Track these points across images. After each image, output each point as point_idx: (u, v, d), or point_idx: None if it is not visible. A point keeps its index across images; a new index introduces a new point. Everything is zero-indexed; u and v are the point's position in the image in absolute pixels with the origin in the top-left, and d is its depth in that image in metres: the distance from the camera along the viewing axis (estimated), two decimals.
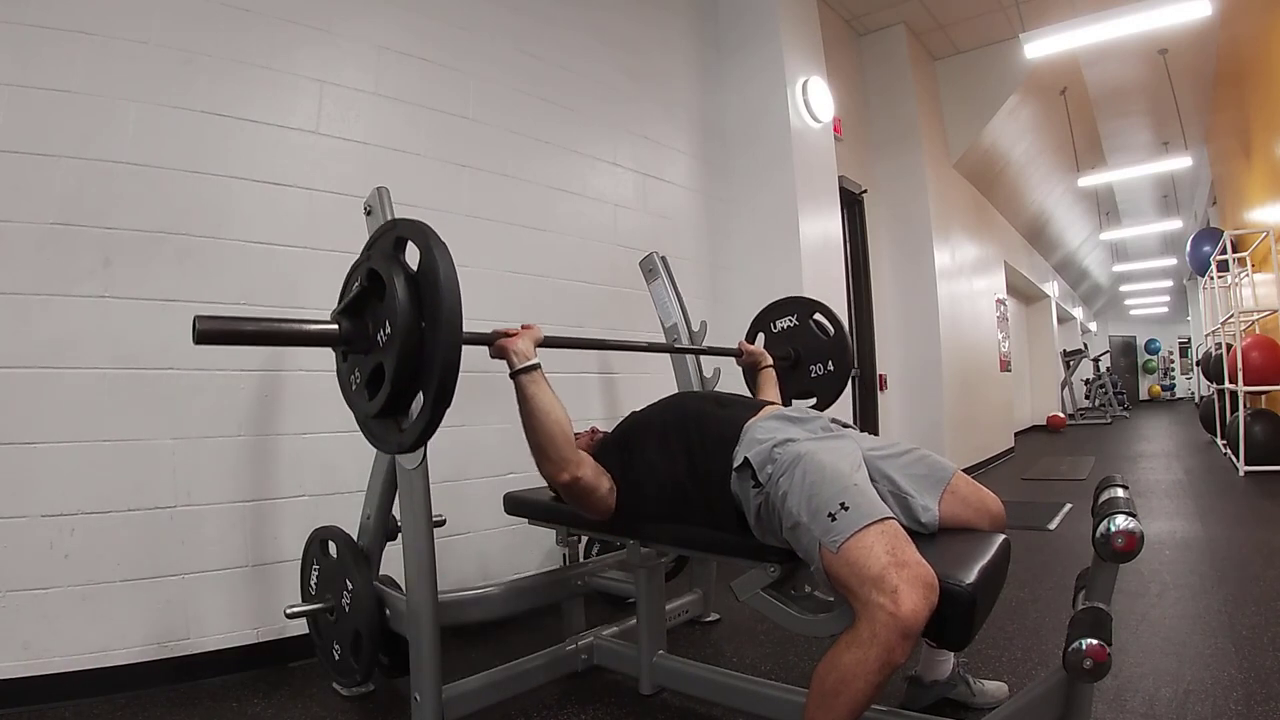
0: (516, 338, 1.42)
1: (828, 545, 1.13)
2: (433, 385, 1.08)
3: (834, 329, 2.26)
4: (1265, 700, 1.57)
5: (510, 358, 1.40)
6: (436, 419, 1.11)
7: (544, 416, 1.37)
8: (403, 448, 1.23)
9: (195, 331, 1.03)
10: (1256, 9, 4.64)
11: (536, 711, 1.70)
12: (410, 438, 1.16)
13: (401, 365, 1.10)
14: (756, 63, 3.69)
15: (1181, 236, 10.22)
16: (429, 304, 1.09)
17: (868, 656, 1.04)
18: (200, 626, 1.90)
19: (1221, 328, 6.22)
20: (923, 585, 1.04)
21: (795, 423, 1.42)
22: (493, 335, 1.42)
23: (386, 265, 1.14)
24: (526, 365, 1.39)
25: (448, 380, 1.08)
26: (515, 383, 1.39)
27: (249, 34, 2.07)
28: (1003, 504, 1.43)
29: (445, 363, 1.07)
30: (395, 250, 1.18)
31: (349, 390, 1.27)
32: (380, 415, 1.17)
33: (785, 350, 2.30)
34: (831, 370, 2.26)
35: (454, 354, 1.08)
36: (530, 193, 2.74)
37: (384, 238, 1.22)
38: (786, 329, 2.35)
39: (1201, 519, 3.62)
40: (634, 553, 1.63)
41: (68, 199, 1.78)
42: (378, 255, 1.18)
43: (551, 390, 1.41)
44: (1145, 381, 19.49)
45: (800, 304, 2.35)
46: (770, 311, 2.40)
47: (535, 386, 1.38)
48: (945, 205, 5.61)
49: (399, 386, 1.12)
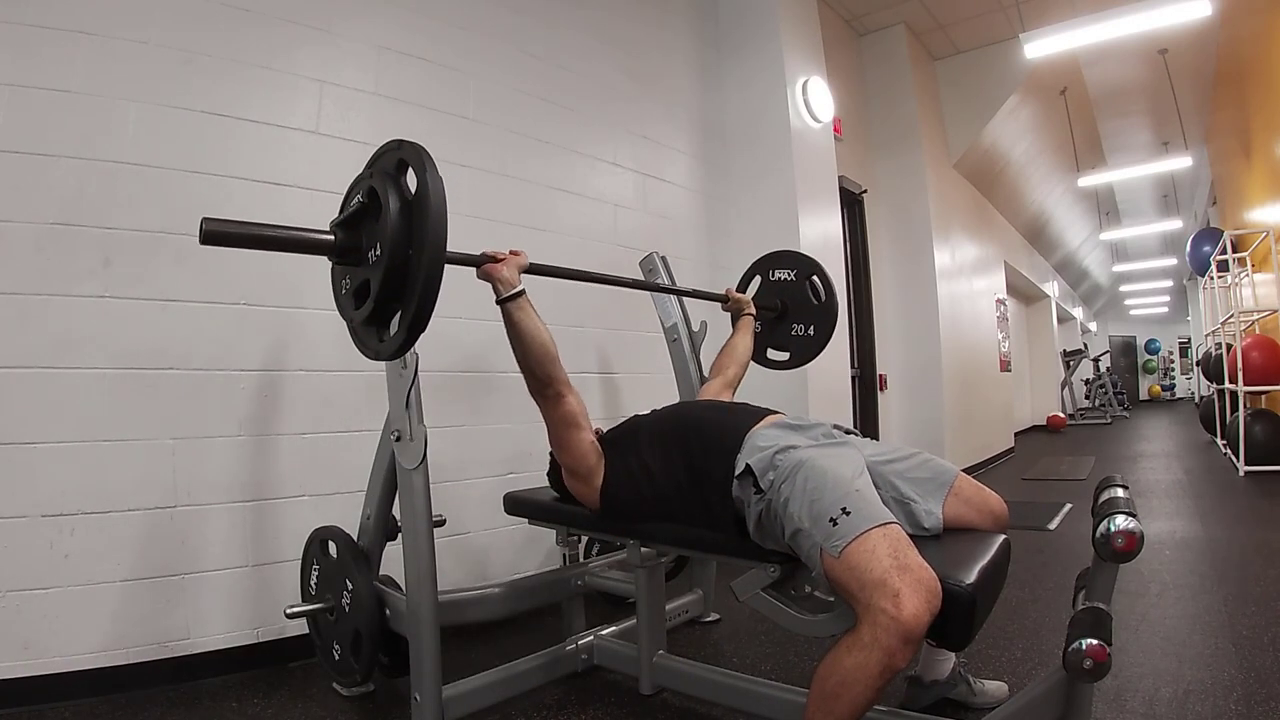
0: (502, 264, 1.47)
1: (829, 550, 1.13)
2: (411, 307, 1.17)
3: (825, 295, 2.28)
4: (1265, 700, 1.57)
5: (497, 285, 1.46)
6: (413, 337, 1.21)
7: (530, 340, 1.45)
8: (380, 356, 1.32)
9: (202, 232, 1.12)
10: (1256, 9, 4.64)
11: (536, 711, 1.70)
12: (388, 349, 1.26)
13: (385, 285, 1.19)
14: (756, 63, 3.68)
15: (1181, 236, 10.22)
16: (418, 231, 1.16)
17: (869, 660, 1.04)
18: (200, 626, 1.90)
19: (1221, 328, 6.22)
20: (925, 589, 1.04)
21: (797, 430, 1.42)
22: (480, 258, 1.47)
23: (385, 186, 1.21)
24: (513, 293, 1.45)
25: (425, 305, 1.16)
26: (502, 309, 1.45)
27: (249, 34, 2.07)
28: (1005, 503, 1.43)
29: (425, 289, 1.15)
30: (396, 172, 1.24)
31: (339, 294, 1.37)
32: (365, 323, 1.28)
33: (773, 301, 2.33)
34: (811, 334, 2.30)
35: (434, 282, 1.15)
36: (530, 193, 2.74)
37: (387, 156, 1.29)
38: (782, 281, 2.36)
39: (1201, 519, 3.62)
40: (634, 553, 1.63)
41: (68, 199, 1.78)
42: (379, 174, 1.25)
43: (538, 316, 1.47)
44: (1145, 381, 19.49)
45: (801, 261, 2.36)
46: (771, 260, 2.41)
47: (521, 313, 1.45)
48: (945, 205, 5.61)
49: (381, 303, 1.22)
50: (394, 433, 1.54)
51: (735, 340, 2.14)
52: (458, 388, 2.42)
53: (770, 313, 2.31)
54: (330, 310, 2.06)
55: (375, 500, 1.76)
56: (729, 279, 3.61)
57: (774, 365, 2.38)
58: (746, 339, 2.15)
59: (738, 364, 2.08)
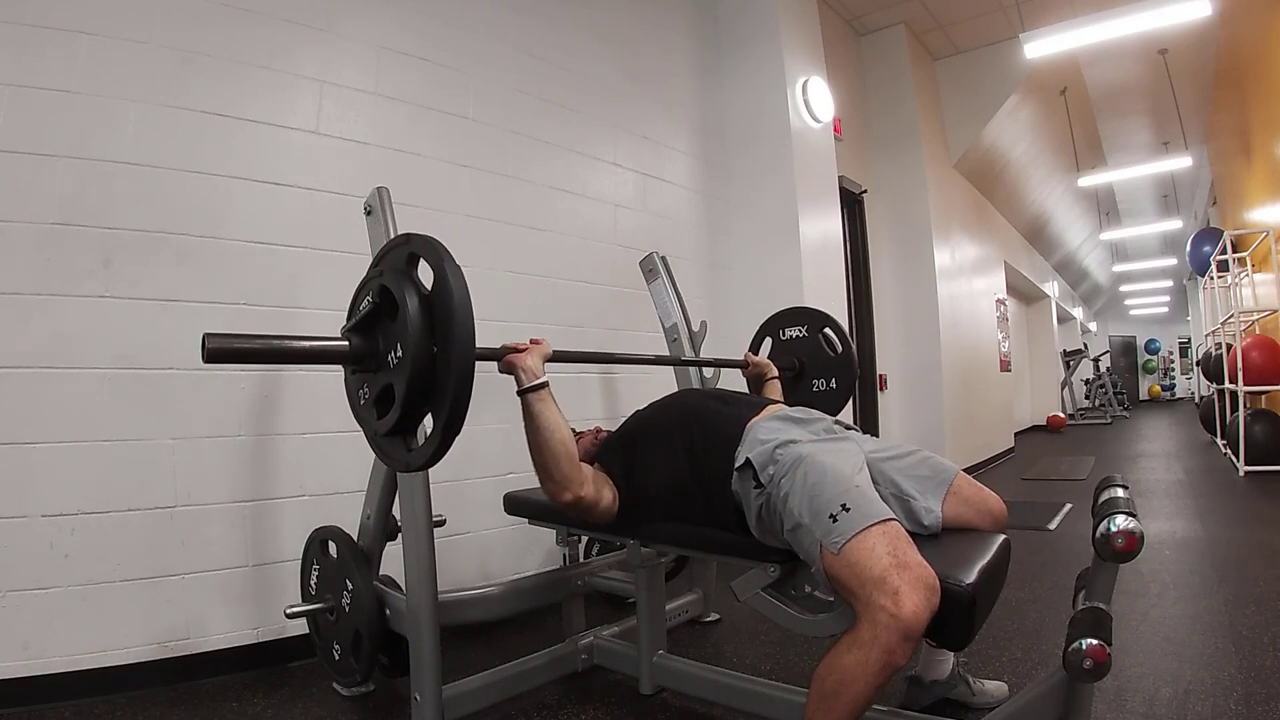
0: (525, 354, 1.39)
1: (829, 546, 1.13)
2: (444, 411, 1.07)
3: (842, 346, 2.24)
4: (1265, 700, 1.57)
5: (519, 375, 1.37)
6: (447, 444, 1.10)
7: (549, 436, 1.35)
8: (410, 468, 1.21)
9: (204, 350, 1.02)
10: (1256, 9, 4.64)
11: (536, 711, 1.70)
12: (419, 459, 1.15)
13: (412, 388, 1.09)
14: (756, 62, 3.68)
15: (1181, 236, 10.22)
16: (442, 328, 1.07)
17: (869, 658, 1.04)
18: (200, 626, 1.90)
19: (1221, 328, 6.22)
20: (924, 587, 1.04)
21: (798, 424, 1.42)
22: (501, 350, 1.39)
23: (399, 283, 1.11)
24: (535, 384, 1.36)
25: (459, 407, 1.07)
26: (522, 400, 1.36)
27: (249, 34, 2.07)
28: (1005, 504, 1.43)
29: (458, 390, 1.05)
30: (408, 267, 1.16)
31: (357, 404, 1.26)
32: (389, 434, 1.17)
33: (790, 360, 2.27)
34: (834, 387, 2.25)
35: (467, 382, 1.06)
36: (530, 193, 2.74)
37: (395, 252, 1.20)
38: (794, 339, 2.32)
39: (1201, 519, 3.62)
40: (634, 553, 1.63)
41: (68, 199, 1.78)
42: (390, 271, 1.15)
43: (557, 408, 1.39)
44: (1145, 381, 19.48)
45: (811, 316, 2.32)
46: (780, 319, 2.37)
47: (542, 405, 1.36)
48: (945, 205, 5.60)
49: (409, 409, 1.11)
50: None
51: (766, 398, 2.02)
52: None
53: (789, 373, 2.26)
54: (330, 310, 2.07)
55: (375, 500, 1.76)
56: (729, 279, 3.65)
57: None
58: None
59: None
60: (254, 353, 1.14)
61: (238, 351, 1.09)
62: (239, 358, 1.10)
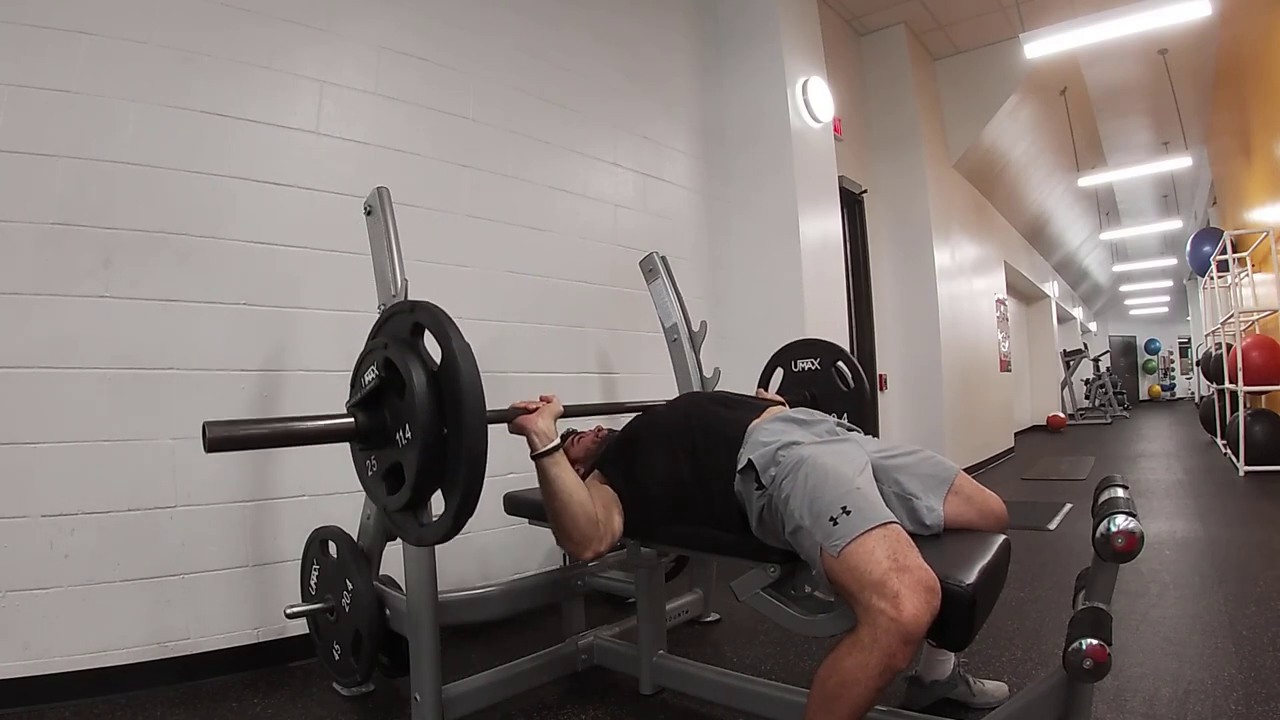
0: (536, 415, 1.36)
1: (829, 549, 1.13)
2: (457, 495, 1.05)
3: (855, 381, 2.19)
4: (1265, 700, 1.57)
5: (532, 439, 1.34)
6: (459, 525, 1.07)
7: (568, 499, 1.33)
8: (423, 542, 1.19)
9: (205, 440, 1.01)
10: (1256, 9, 4.64)
11: (536, 711, 1.70)
12: (432, 535, 1.13)
13: (423, 468, 1.07)
14: (756, 62, 3.68)
15: (1181, 236, 10.22)
16: (452, 409, 1.04)
17: (869, 661, 1.04)
18: (200, 626, 1.90)
19: (1221, 328, 6.22)
20: (924, 590, 1.04)
21: (800, 425, 1.42)
22: (511, 412, 1.37)
23: (404, 358, 1.09)
24: (550, 448, 1.34)
25: (472, 491, 1.05)
26: (537, 465, 1.34)
27: (249, 34, 2.07)
28: (1005, 504, 1.43)
29: (470, 474, 1.03)
30: (413, 338, 1.13)
31: (365, 477, 1.23)
32: (403, 510, 1.15)
33: (801, 394, 2.22)
34: (845, 422, 2.22)
35: (479, 467, 1.04)
36: (530, 193, 2.74)
37: (397, 320, 1.17)
38: (806, 371, 2.27)
39: (1201, 519, 3.62)
40: (634, 553, 1.63)
41: (68, 199, 1.78)
42: (394, 344, 1.12)
43: (571, 470, 1.37)
44: (1145, 381, 19.48)
45: (824, 348, 2.28)
46: (791, 350, 2.33)
47: (558, 468, 1.33)
48: (945, 205, 5.60)
49: (420, 488, 1.09)
50: None
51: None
52: None
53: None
54: (330, 310, 2.06)
55: None
56: (729, 278, 3.65)
57: None
58: None
59: None
60: (257, 438, 1.11)
61: (239, 439, 1.08)
62: (241, 445, 1.09)
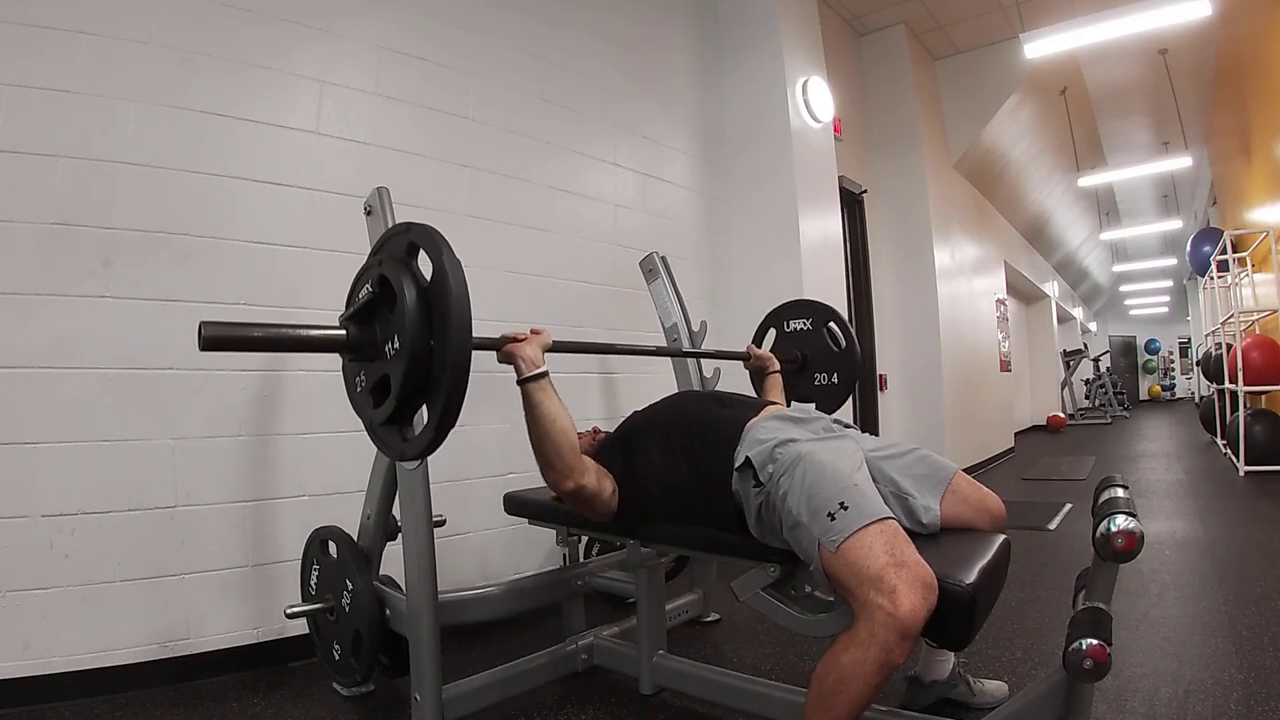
0: (525, 343, 1.39)
1: (826, 545, 1.13)
2: (439, 404, 1.08)
3: (845, 341, 2.24)
4: (1265, 700, 1.57)
5: (519, 364, 1.37)
6: (441, 436, 1.11)
7: (550, 425, 1.35)
8: (405, 457, 1.22)
9: (201, 337, 1.03)
10: (1256, 9, 4.64)
11: (536, 711, 1.70)
12: (414, 449, 1.16)
13: (408, 381, 1.10)
14: (756, 62, 3.68)
15: (1181, 236, 10.22)
16: (439, 321, 1.08)
17: (866, 657, 1.04)
18: (200, 626, 1.90)
19: (1221, 328, 6.22)
20: (921, 585, 1.04)
21: (797, 423, 1.42)
22: (501, 340, 1.40)
23: (398, 274, 1.12)
24: (535, 374, 1.36)
25: (454, 401, 1.08)
26: (523, 390, 1.37)
27: (249, 34, 2.07)
28: (1004, 504, 1.43)
29: (452, 385, 1.06)
30: (407, 257, 1.16)
31: (354, 392, 1.26)
32: (386, 423, 1.18)
33: (793, 353, 2.29)
34: (836, 382, 2.26)
35: (462, 377, 1.07)
36: (530, 193, 2.74)
37: (395, 240, 1.20)
38: (799, 331, 2.34)
39: (1201, 519, 3.62)
40: (634, 553, 1.63)
41: (68, 199, 1.78)
42: (389, 261, 1.16)
43: (558, 398, 1.39)
44: (1145, 381, 19.48)
45: (816, 309, 2.33)
46: (784, 311, 2.39)
47: (542, 394, 1.36)
48: (945, 205, 5.60)
49: (405, 400, 1.12)
50: None
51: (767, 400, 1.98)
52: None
53: (791, 365, 2.27)
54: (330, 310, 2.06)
55: (375, 500, 1.76)
56: (729, 278, 3.65)
57: None
58: (778, 398, 2.05)
59: None
60: (250, 340, 1.14)
61: (234, 340, 1.09)
62: (235, 345, 1.11)
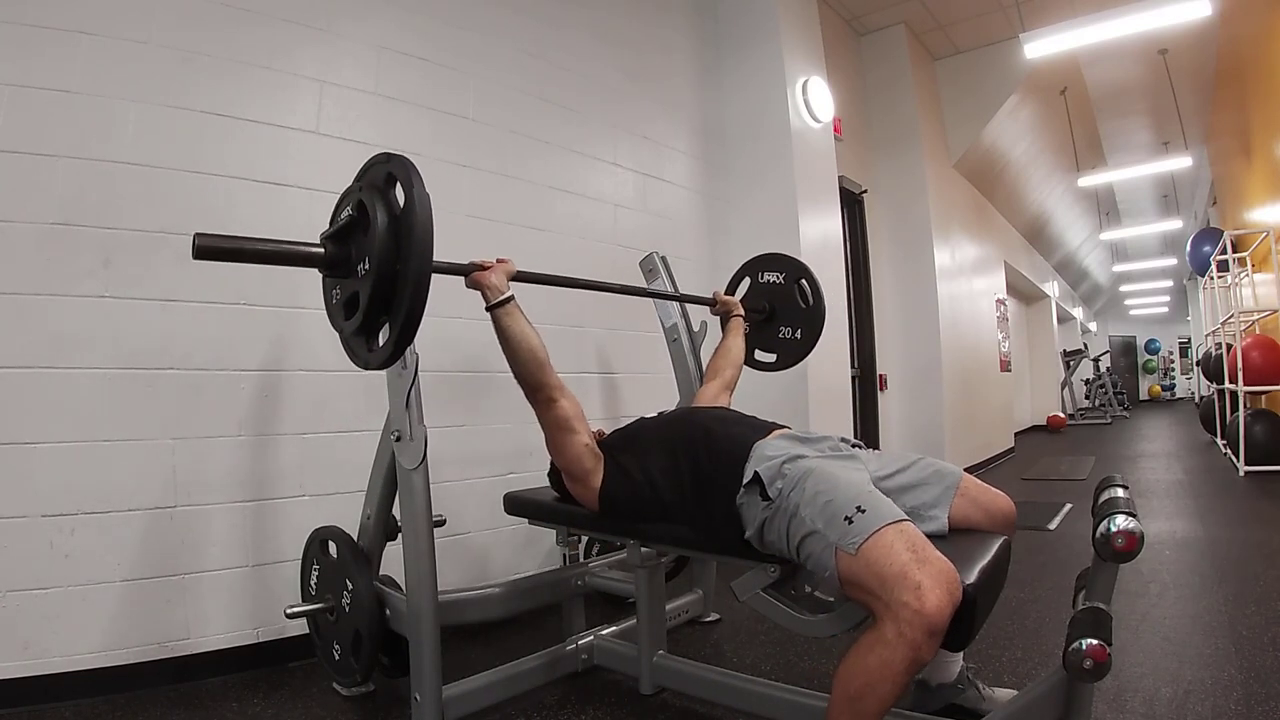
0: (490, 271, 1.50)
1: (845, 548, 1.13)
2: (399, 320, 1.20)
3: (814, 299, 2.28)
4: (1265, 700, 1.57)
5: (485, 292, 1.48)
6: (400, 349, 1.26)
7: (519, 345, 1.47)
8: (369, 365, 1.35)
9: (195, 247, 1.14)
10: (1256, 9, 4.64)
11: (536, 711, 1.70)
12: (377, 359, 1.30)
13: (374, 299, 1.23)
14: (756, 62, 3.68)
15: (1181, 236, 10.22)
16: (405, 246, 1.19)
17: (894, 657, 1.03)
18: (200, 626, 1.90)
19: (1221, 328, 6.22)
20: (946, 581, 1.04)
21: (804, 442, 1.42)
22: (469, 266, 1.50)
23: (373, 200, 1.24)
24: (501, 299, 1.47)
25: (411, 318, 1.20)
26: (492, 316, 1.48)
27: (249, 34, 2.06)
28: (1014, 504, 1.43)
29: (411, 303, 1.19)
30: (385, 185, 1.27)
31: (330, 304, 1.40)
32: (355, 334, 1.31)
33: (761, 304, 2.34)
34: (798, 338, 2.31)
35: (420, 296, 1.19)
36: (530, 193, 2.74)
37: (376, 169, 1.31)
38: (771, 284, 2.37)
39: (1201, 519, 3.62)
40: (634, 553, 1.63)
41: (68, 199, 1.78)
42: (368, 188, 1.28)
43: (527, 321, 1.49)
44: (1145, 381, 19.49)
45: (790, 265, 2.36)
46: (760, 262, 2.41)
47: (510, 319, 1.47)
48: (945, 205, 5.61)
49: (370, 315, 1.26)
50: (394, 433, 1.54)
51: (728, 343, 2.14)
52: (458, 388, 2.42)
53: (758, 315, 2.32)
54: None
55: (375, 500, 1.76)
56: (729, 279, 3.63)
57: (761, 367, 2.39)
58: (738, 341, 2.16)
59: (733, 366, 2.08)
60: (240, 252, 1.24)
61: (225, 250, 1.20)
62: (225, 256, 1.21)
